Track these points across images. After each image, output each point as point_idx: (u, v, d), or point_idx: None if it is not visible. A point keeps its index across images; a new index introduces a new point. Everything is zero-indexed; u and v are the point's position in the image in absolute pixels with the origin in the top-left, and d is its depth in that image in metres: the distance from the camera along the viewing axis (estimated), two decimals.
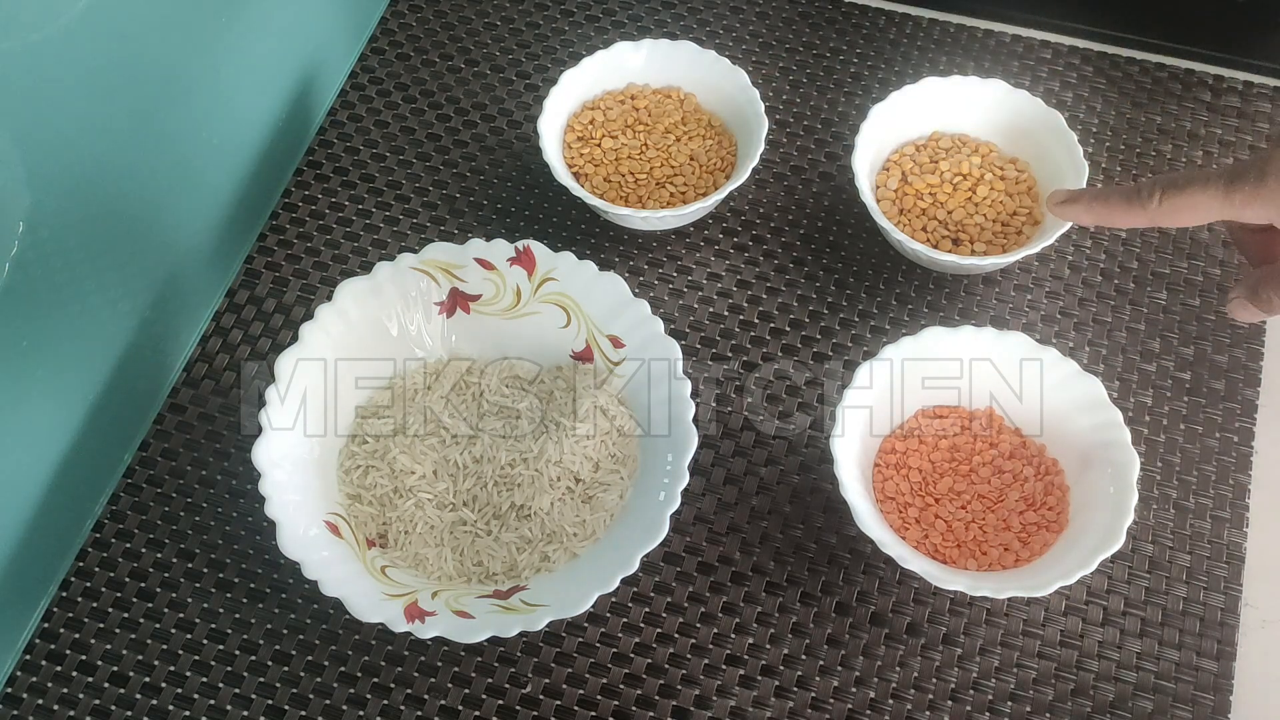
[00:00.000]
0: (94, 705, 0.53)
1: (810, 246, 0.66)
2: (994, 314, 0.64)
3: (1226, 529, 0.57)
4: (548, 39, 0.76)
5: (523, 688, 0.54)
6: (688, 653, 0.55)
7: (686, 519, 0.58)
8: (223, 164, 0.64)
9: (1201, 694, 0.53)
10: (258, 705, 0.53)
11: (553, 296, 0.59)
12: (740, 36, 0.75)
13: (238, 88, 0.63)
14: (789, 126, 0.71)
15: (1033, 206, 0.64)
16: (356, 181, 0.70)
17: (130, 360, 0.58)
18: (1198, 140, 0.70)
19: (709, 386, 0.61)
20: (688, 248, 0.66)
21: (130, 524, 0.58)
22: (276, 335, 0.64)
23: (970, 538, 0.55)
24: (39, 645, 0.55)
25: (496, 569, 0.54)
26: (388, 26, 0.76)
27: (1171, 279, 0.65)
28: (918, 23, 0.76)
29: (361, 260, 0.66)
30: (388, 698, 0.53)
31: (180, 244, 0.61)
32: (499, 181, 0.69)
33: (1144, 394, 0.61)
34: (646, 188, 0.65)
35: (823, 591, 0.56)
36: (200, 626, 0.55)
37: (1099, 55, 0.73)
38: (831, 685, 0.54)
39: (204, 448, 0.60)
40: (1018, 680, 0.54)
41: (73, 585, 0.56)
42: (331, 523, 0.53)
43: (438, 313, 0.59)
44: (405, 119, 0.72)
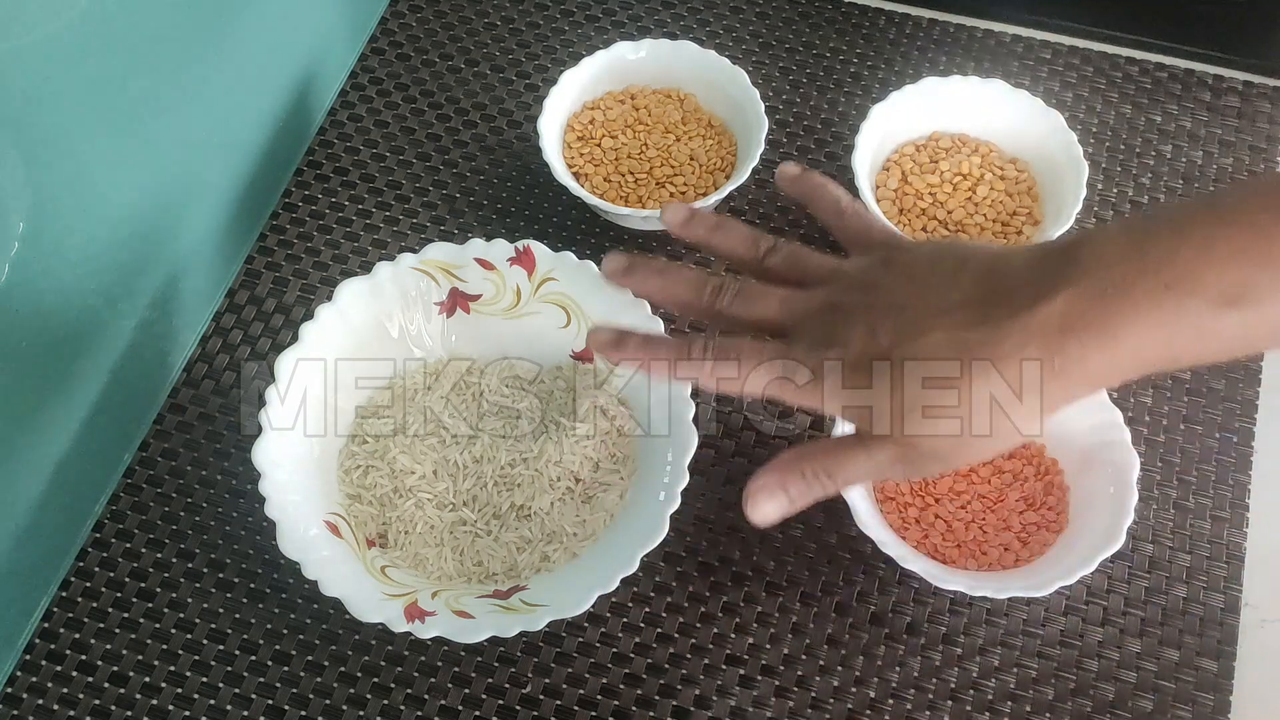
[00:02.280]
0: (94, 705, 0.53)
1: (810, 246, 0.66)
2: None
3: (1226, 529, 0.57)
4: (548, 39, 0.76)
5: (523, 688, 0.54)
6: (688, 653, 0.54)
7: (686, 519, 0.57)
8: (223, 164, 0.64)
9: (1201, 693, 0.53)
10: (258, 705, 0.53)
11: (553, 296, 0.59)
12: (740, 36, 0.75)
13: (238, 88, 0.63)
14: (789, 126, 0.71)
15: (1033, 206, 0.64)
16: (356, 181, 0.70)
17: (130, 360, 0.58)
18: (1198, 140, 0.70)
19: None
20: (688, 248, 0.66)
21: (130, 524, 0.58)
22: (276, 335, 0.64)
23: (970, 538, 0.55)
24: (39, 645, 0.55)
25: (496, 569, 0.54)
26: (388, 26, 0.76)
27: None
28: (918, 23, 0.76)
29: (361, 260, 0.66)
30: (388, 698, 0.53)
31: (180, 244, 0.61)
32: (499, 181, 0.69)
33: (1144, 394, 0.61)
34: (646, 188, 0.65)
35: (822, 591, 0.56)
36: (200, 626, 0.55)
37: (1099, 55, 0.73)
38: (831, 685, 0.54)
39: (204, 448, 0.60)
40: (1017, 680, 0.54)
41: (73, 585, 0.56)
42: (331, 523, 0.53)
43: (438, 313, 0.59)
44: (405, 119, 0.72)
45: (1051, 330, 0.38)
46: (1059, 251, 0.40)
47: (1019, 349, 0.39)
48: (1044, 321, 0.38)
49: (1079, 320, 0.38)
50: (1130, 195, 0.68)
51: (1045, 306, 0.38)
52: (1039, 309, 0.38)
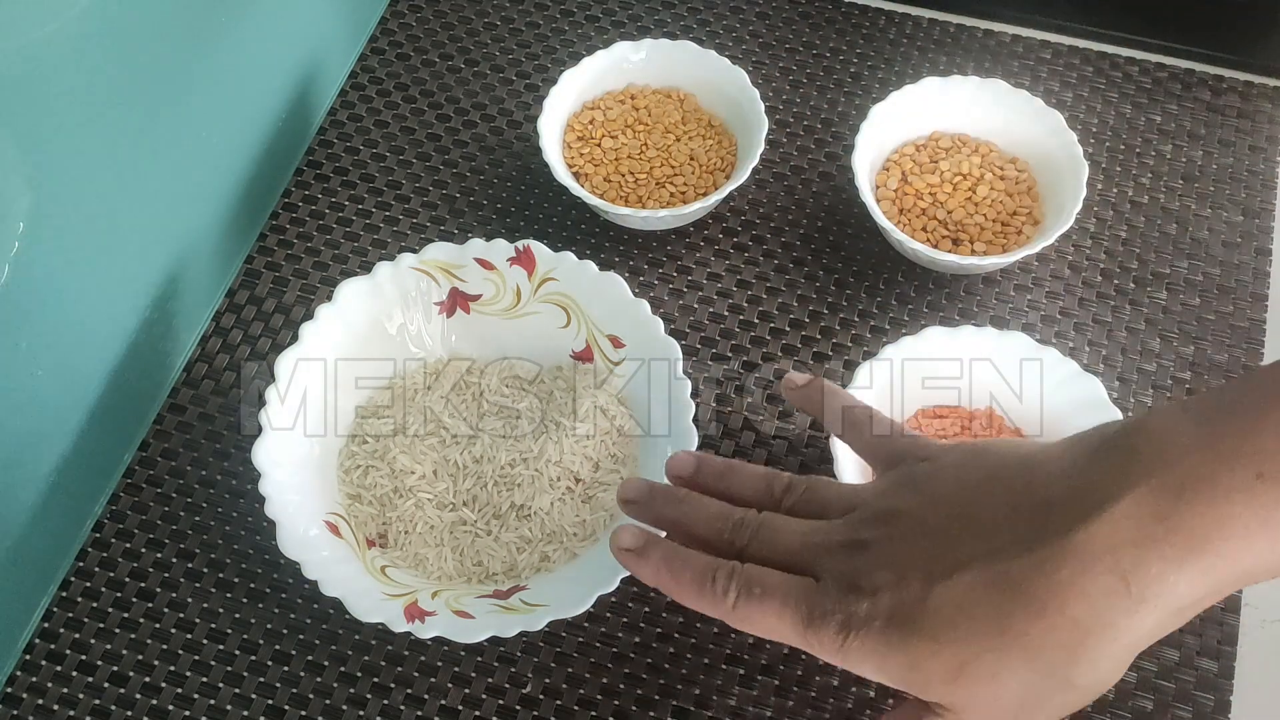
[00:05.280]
0: (94, 705, 0.53)
1: (810, 246, 0.66)
2: (994, 314, 0.64)
3: None
4: (548, 39, 0.76)
5: (523, 688, 0.54)
6: (687, 652, 0.54)
7: None
8: (223, 164, 0.64)
9: (1201, 693, 0.53)
10: (258, 705, 0.53)
11: (553, 296, 0.59)
12: (740, 36, 0.75)
13: (238, 88, 0.63)
14: (789, 126, 0.71)
15: (1033, 206, 0.64)
16: (356, 181, 0.70)
17: (130, 360, 0.58)
18: (1198, 140, 0.70)
19: (709, 386, 0.61)
20: (688, 248, 0.66)
21: (130, 524, 0.58)
22: (276, 335, 0.64)
23: None
24: (39, 645, 0.55)
25: (496, 569, 0.54)
26: (388, 26, 0.76)
27: (1171, 279, 0.65)
28: (918, 23, 0.76)
29: (361, 260, 0.66)
30: (388, 698, 0.53)
31: (180, 244, 0.61)
32: (499, 181, 0.69)
33: (1144, 394, 0.61)
34: (646, 188, 0.65)
35: None
36: (200, 626, 0.55)
37: (1099, 55, 0.73)
38: (830, 684, 0.54)
39: (204, 448, 0.60)
40: None
41: (73, 585, 0.56)
42: (331, 523, 0.53)
43: (438, 313, 0.59)
44: (405, 119, 0.72)
45: (1121, 545, 0.31)
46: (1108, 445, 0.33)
47: (1080, 575, 0.31)
48: (1109, 535, 0.31)
49: (1157, 528, 0.31)
50: (1130, 195, 0.68)
51: (1108, 516, 0.31)
52: (1099, 520, 0.31)
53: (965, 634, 0.33)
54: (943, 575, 0.34)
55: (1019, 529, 0.33)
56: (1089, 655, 0.32)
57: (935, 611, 0.34)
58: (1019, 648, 0.32)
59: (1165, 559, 0.30)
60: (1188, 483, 0.30)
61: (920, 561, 0.35)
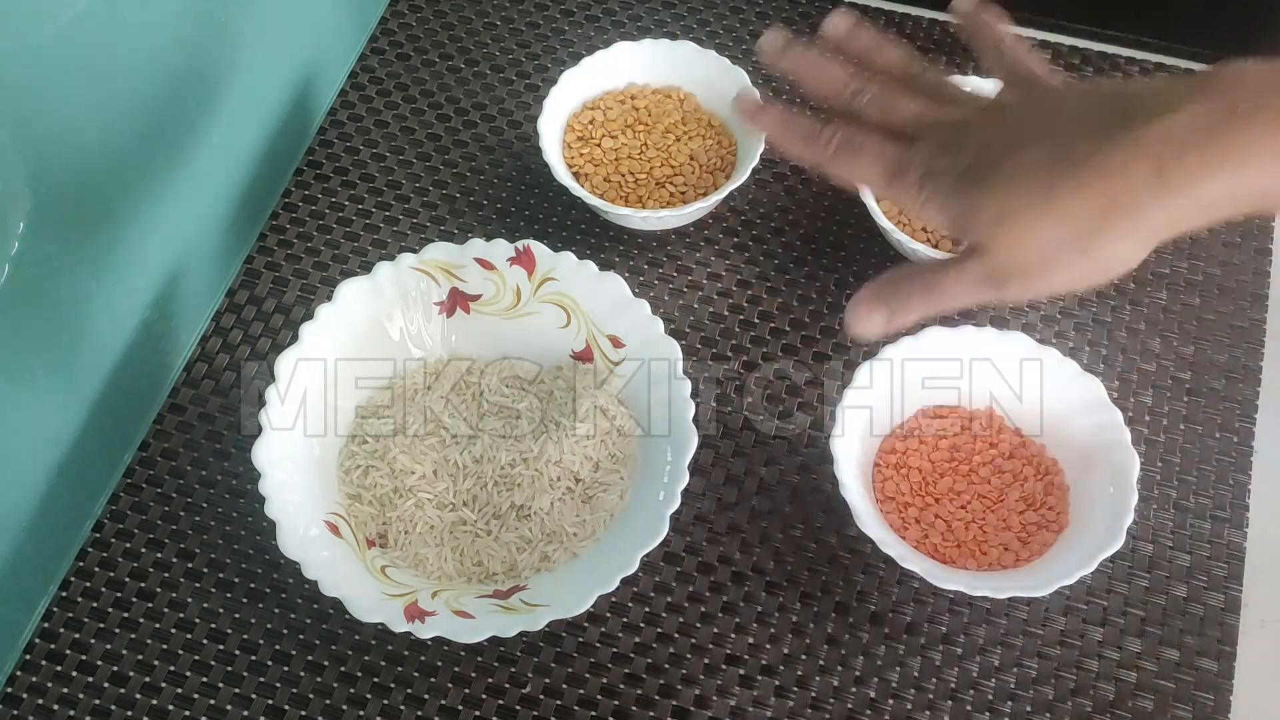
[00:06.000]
0: (94, 705, 0.53)
1: (810, 246, 0.66)
2: (994, 314, 0.64)
3: (1226, 529, 0.57)
4: (548, 39, 0.76)
5: (523, 688, 0.54)
6: (688, 653, 0.55)
7: (686, 519, 0.57)
8: (223, 164, 0.64)
9: (1200, 693, 0.53)
10: (258, 705, 0.53)
11: (553, 296, 0.59)
12: (740, 36, 0.75)
13: (238, 88, 0.63)
14: None
15: None
16: (356, 181, 0.70)
17: (130, 360, 0.58)
18: None
19: (709, 386, 0.61)
20: (688, 248, 0.66)
21: (130, 524, 0.58)
22: (276, 335, 0.64)
23: (970, 538, 0.55)
24: (39, 645, 0.55)
25: (496, 569, 0.54)
26: (388, 26, 0.76)
27: (1171, 279, 0.65)
28: (918, 23, 0.76)
29: (361, 260, 0.66)
30: (388, 698, 0.53)
31: (180, 244, 0.61)
32: (499, 181, 0.69)
33: (1144, 394, 0.61)
34: (646, 188, 0.65)
35: (822, 591, 0.56)
36: (200, 626, 0.55)
37: (1099, 55, 0.73)
38: (831, 685, 0.54)
39: (204, 448, 0.60)
40: (1017, 679, 0.54)
41: (73, 585, 0.56)
42: (331, 523, 0.53)
43: (438, 313, 0.59)
44: (405, 119, 0.72)
45: (1169, 142, 0.35)
46: (1199, 74, 0.37)
47: (1130, 159, 0.35)
48: (1163, 134, 0.35)
49: (1203, 135, 0.34)
50: None
51: (1167, 120, 0.35)
52: (1159, 121, 0.35)
53: (1018, 192, 0.38)
54: (1018, 148, 0.39)
55: (1094, 124, 0.37)
56: (1113, 228, 0.36)
57: (1001, 172, 0.39)
58: (1057, 210, 0.37)
59: (1201, 160, 0.34)
60: (1243, 104, 0.34)
61: (1009, 137, 0.40)
